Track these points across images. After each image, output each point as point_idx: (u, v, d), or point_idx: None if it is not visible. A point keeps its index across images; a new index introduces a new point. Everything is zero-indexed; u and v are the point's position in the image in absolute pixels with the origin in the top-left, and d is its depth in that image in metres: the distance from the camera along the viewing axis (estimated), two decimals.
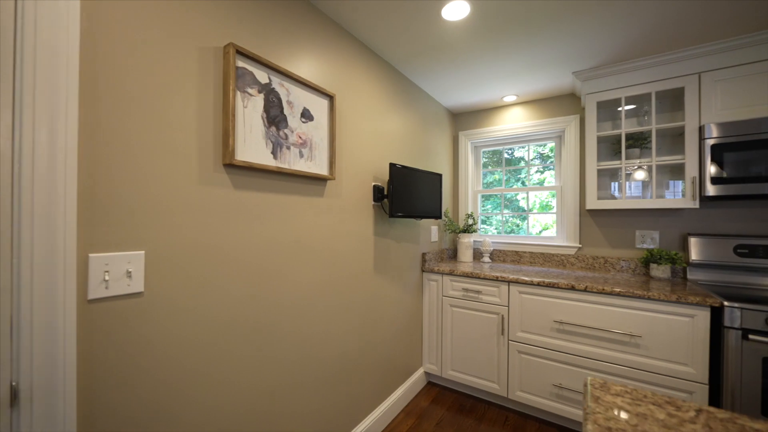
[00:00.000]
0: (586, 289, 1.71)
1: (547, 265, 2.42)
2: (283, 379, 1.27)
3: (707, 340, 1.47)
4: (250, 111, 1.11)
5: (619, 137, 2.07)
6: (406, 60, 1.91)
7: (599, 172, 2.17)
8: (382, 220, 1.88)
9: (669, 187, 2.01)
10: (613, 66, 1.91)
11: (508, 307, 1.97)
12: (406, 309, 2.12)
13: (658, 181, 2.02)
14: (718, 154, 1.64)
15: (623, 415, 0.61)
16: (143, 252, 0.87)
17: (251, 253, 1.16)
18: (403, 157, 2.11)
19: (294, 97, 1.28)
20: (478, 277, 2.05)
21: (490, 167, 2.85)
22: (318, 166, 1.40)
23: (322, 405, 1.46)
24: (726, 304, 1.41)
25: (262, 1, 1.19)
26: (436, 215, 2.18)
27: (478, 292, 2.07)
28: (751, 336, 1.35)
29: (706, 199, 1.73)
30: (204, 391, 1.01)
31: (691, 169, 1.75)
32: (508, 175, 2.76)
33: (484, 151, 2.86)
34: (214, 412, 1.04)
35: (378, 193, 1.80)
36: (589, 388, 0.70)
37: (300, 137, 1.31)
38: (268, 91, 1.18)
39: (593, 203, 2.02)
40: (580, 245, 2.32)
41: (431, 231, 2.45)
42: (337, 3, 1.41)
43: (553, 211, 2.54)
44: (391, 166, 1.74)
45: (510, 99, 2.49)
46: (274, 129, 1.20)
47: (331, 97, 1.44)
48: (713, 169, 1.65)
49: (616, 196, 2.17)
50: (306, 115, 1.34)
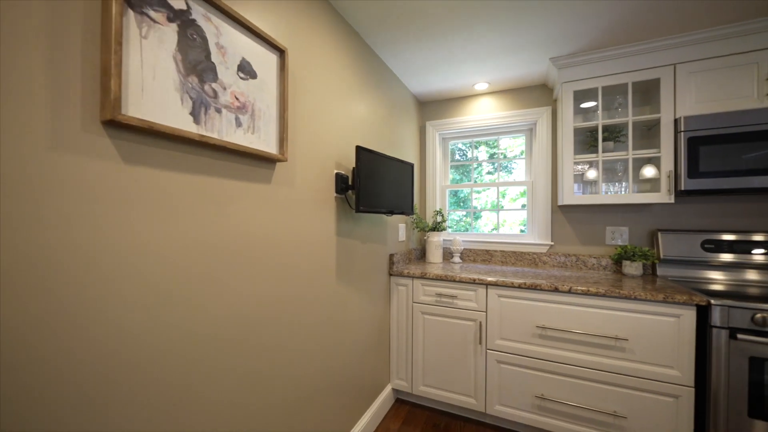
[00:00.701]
0: (570, 291, 1.57)
1: (519, 265, 2.29)
2: (219, 421, 0.90)
3: (693, 341, 1.40)
4: (153, 45, 0.73)
5: (591, 129, 1.99)
6: (372, 27, 1.61)
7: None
8: (346, 216, 1.56)
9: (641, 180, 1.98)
10: (591, 53, 1.81)
11: (486, 312, 1.77)
12: (372, 319, 1.82)
13: (634, 175, 1.97)
14: (694, 147, 1.60)
15: None
16: None
17: (159, 263, 0.77)
18: (370, 143, 1.81)
19: (227, 41, 0.91)
20: (453, 280, 1.83)
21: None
22: (263, 141, 1.03)
23: None
24: (713, 302, 1.34)
25: None
26: (408, 211, 1.91)
27: (453, 297, 1.85)
28: (739, 335, 1.29)
29: (682, 194, 1.69)
30: None
31: (666, 163, 1.70)
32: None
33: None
34: None
35: (341, 182, 1.48)
36: None
37: (237, 98, 0.94)
38: (186, 22, 0.80)
39: (570, 198, 1.91)
40: (552, 243, 2.23)
41: (399, 229, 2.18)
42: None
43: (517, 208, 2.42)
44: (358, 149, 1.43)
45: (482, 87, 2.32)
46: (195, 80, 0.82)
47: (281, 51, 1.09)
48: (688, 163, 1.61)
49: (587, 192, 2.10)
50: (246, 70, 0.97)
